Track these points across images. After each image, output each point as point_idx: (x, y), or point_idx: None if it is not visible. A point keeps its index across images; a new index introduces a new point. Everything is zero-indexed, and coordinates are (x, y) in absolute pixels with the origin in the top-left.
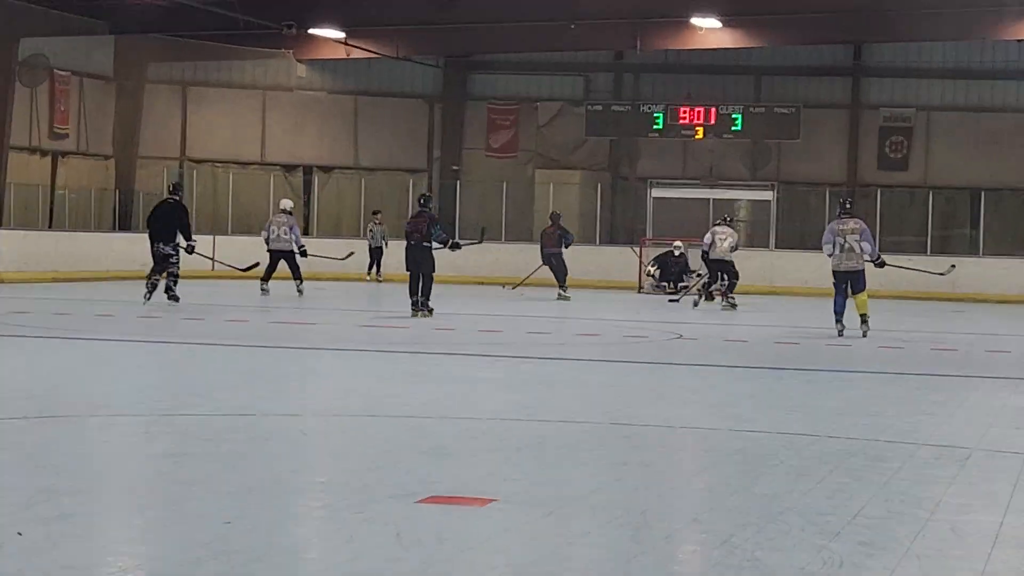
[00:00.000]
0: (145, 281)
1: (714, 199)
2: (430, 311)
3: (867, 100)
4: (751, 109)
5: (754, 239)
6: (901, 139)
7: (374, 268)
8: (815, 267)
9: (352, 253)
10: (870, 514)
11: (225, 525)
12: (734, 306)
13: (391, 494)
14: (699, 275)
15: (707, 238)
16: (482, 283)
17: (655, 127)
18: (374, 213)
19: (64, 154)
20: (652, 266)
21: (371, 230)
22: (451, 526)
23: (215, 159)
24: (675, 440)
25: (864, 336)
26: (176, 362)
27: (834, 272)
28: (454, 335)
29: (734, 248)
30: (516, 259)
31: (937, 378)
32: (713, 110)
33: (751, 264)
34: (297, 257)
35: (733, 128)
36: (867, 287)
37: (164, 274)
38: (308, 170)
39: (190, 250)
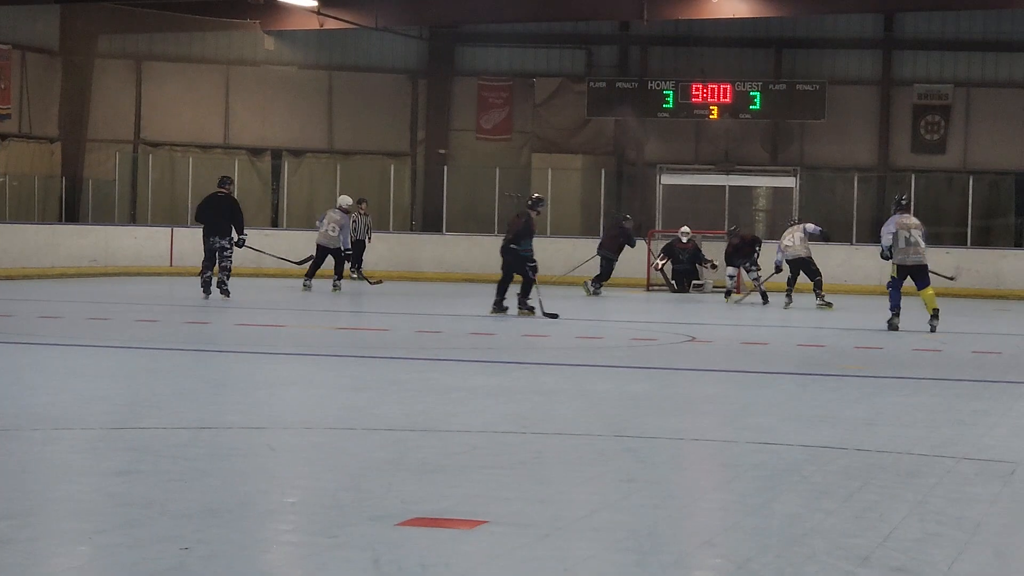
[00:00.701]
0: (199, 278)
1: (730, 186)
2: (530, 309)
3: (900, 76)
4: (771, 86)
5: (775, 230)
6: (938, 119)
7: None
8: (841, 260)
9: (380, 281)
10: (903, 536)
11: (183, 551)
12: (829, 304)
13: (369, 516)
14: (714, 265)
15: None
16: (472, 280)
17: (665, 106)
18: (359, 202)
19: (3, 137)
20: (661, 259)
21: (354, 220)
22: (435, 551)
23: (173, 142)
24: (686, 454)
25: (933, 331)
26: (130, 369)
27: (899, 266)
28: (441, 339)
29: (814, 237)
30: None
31: (978, 384)
32: (729, 87)
33: (770, 258)
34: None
35: (751, 107)
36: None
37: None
38: (277, 154)
39: (241, 243)
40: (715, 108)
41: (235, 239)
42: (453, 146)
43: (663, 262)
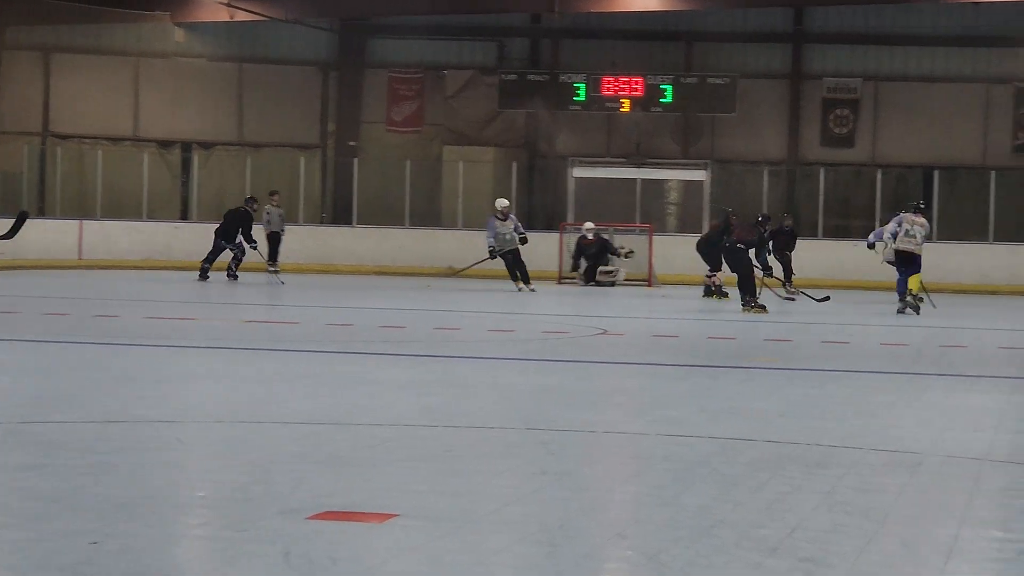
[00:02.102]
0: (200, 266)
1: (642, 179)
2: (761, 307)
3: (809, 69)
4: (682, 79)
5: (686, 224)
6: (846, 112)
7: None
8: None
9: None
10: (811, 527)
11: (91, 546)
12: (925, 304)
13: (279, 510)
14: (627, 254)
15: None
16: (383, 273)
17: (576, 99)
18: (271, 194)
19: None
20: (573, 258)
21: (267, 213)
22: (346, 545)
23: (82, 135)
24: (598, 446)
25: (916, 311)
26: (39, 363)
27: (896, 252)
28: (353, 331)
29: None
30: (421, 246)
31: (886, 376)
32: (640, 81)
33: (681, 251)
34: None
35: (662, 100)
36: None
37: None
38: (187, 147)
39: (254, 247)
40: (626, 101)
41: (243, 244)
42: (364, 138)
43: (574, 261)
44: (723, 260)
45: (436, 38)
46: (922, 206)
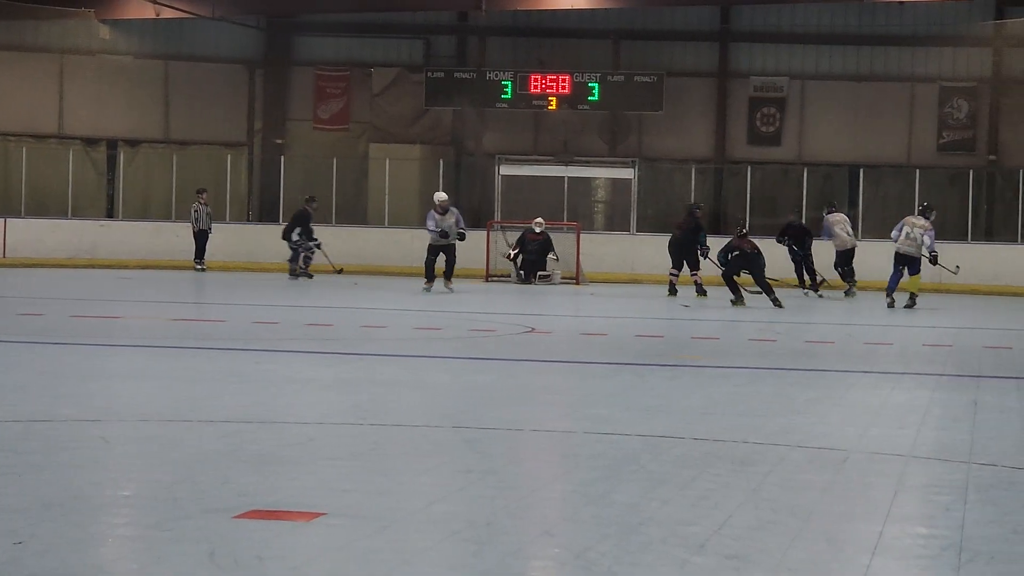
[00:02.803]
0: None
1: (569, 177)
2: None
3: (736, 68)
4: (609, 77)
5: (614, 221)
6: (773, 111)
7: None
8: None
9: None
10: (738, 524)
11: (16, 546)
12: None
13: (205, 509)
14: (555, 258)
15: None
16: (312, 271)
17: (503, 97)
18: (198, 192)
19: None
20: (513, 248)
21: (195, 210)
22: (273, 544)
23: (6, 132)
24: (525, 445)
25: (910, 307)
26: None
27: (896, 253)
28: (278, 329)
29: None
30: (347, 244)
31: (812, 373)
32: (567, 78)
33: (609, 249)
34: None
35: (590, 98)
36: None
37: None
38: (113, 144)
39: (318, 246)
40: (554, 99)
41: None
42: (290, 136)
43: (515, 251)
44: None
45: (362, 36)
46: (925, 207)
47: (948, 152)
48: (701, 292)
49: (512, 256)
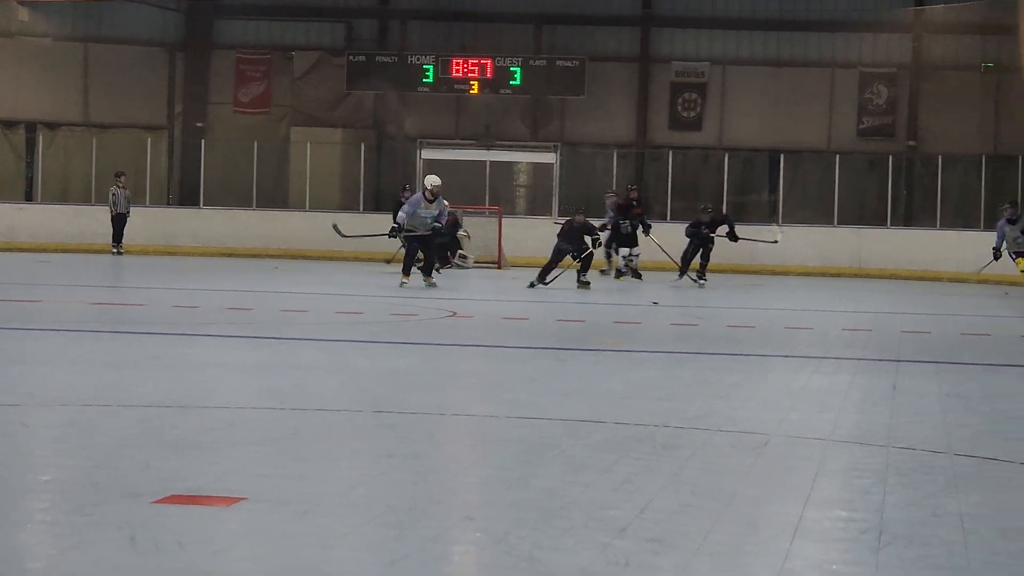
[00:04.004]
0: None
1: (491, 161)
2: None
3: (657, 53)
4: (531, 62)
5: (536, 206)
6: (694, 96)
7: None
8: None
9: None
10: (659, 508)
11: None
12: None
13: (125, 494)
14: (466, 235)
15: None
16: (230, 255)
17: (425, 81)
18: (117, 175)
19: None
20: None
21: (113, 194)
22: (193, 529)
23: None
24: (446, 429)
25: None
26: None
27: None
28: (198, 313)
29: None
30: (268, 227)
31: (733, 358)
32: (489, 63)
33: (532, 234)
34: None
35: (512, 83)
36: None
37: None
38: (32, 127)
39: (392, 235)
40: (475, 83)
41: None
42: (211, 119)
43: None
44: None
45: (284, 19)
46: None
47: (868, 138)
48: (636, 276)
49: None
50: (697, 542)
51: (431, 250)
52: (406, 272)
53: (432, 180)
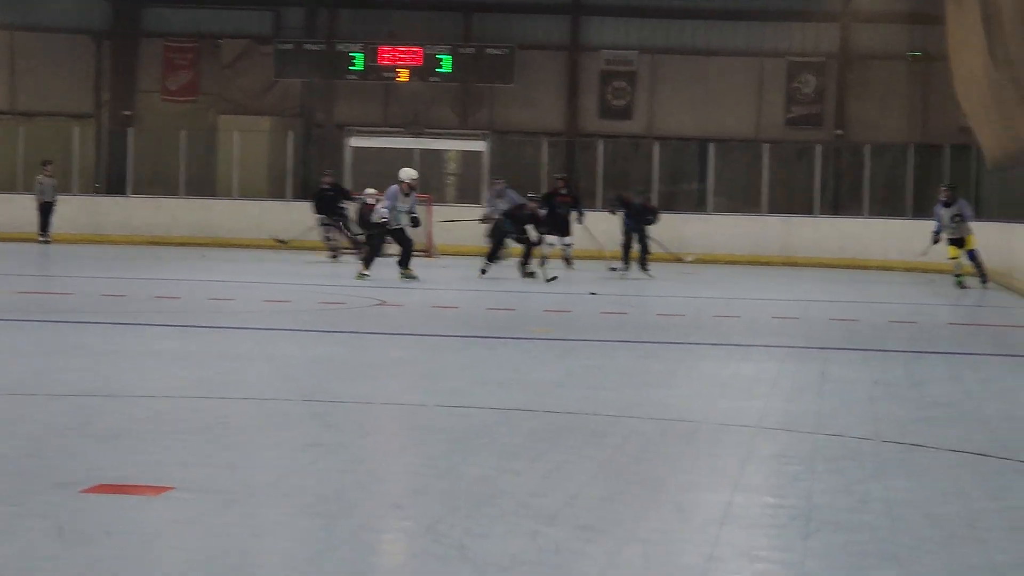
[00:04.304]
0: None
1: (420, 149)
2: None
3: (587, 41)
4: (461, 50)
5: (465, 194)
6: (624, 85)
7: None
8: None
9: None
10: (590, 495)
11: None
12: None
13: (52, 483)
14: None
15: None
16: (157, 243)
17: (353, 68)
18: (43, 164)
19: None
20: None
21: (39, 183)
22: (121, 518)
23: None
24: (376, 418)
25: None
26: None
27: None
28: (125, 302)
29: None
30: (196, 216)
31: (663, 346)
32: (418, 50)
33: (461, 223)
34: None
35: (440, 70)
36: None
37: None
38: None
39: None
40: (404, 71)
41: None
42: (139, 108)
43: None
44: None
45: (211, 7)
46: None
47: (796, 127)
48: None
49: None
50: (627, 529)
51: (408, 242)
52: (367, 264)
53: (409, 173)
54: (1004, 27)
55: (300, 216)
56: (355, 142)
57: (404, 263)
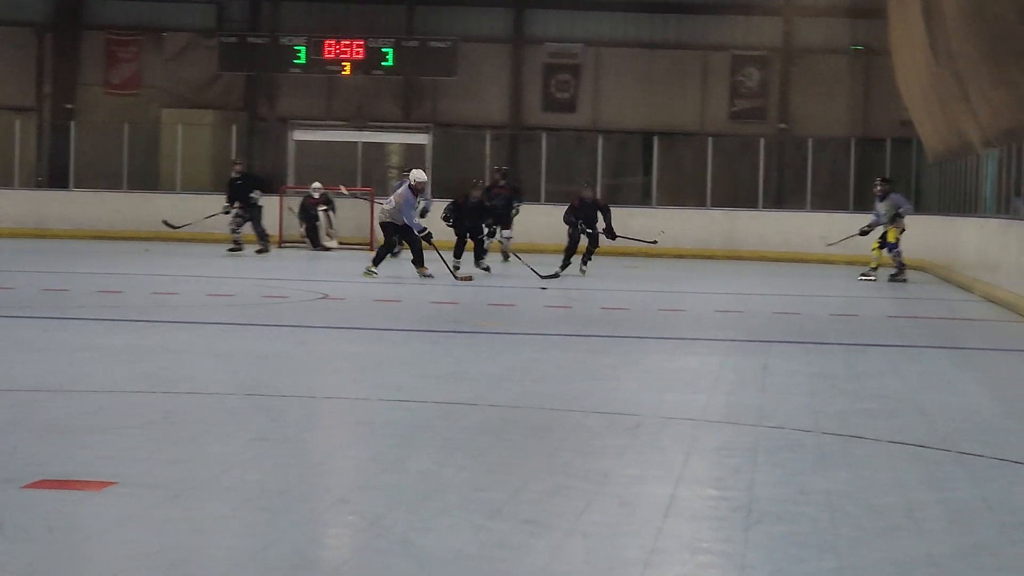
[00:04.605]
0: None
1: (363, 142)
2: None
3: (531, 34)
4: (403, 43)
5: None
6: (568, 77)
7: None
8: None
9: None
10: (534, 489)
11: None
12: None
13: None
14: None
15: None
16: (100, 237)
17: (297, 62)
18: None
19: None
20: (301, 225)
21: None
22: (64, 514)
23: None
24: (320, 412)
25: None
26: None
27: None
28: (69, 297)
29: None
30: (139, 210)
31: (607, 340)
32: (361, 44)
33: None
34: None
35: (384, 64)
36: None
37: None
38: None
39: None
40: (348, 64)
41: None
42: (81, 101)
43: (301, 225)
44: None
45: (155, 0)
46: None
47: (740, 120)
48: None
49: (301, 228)
50: (570, 522)
51: (418, 241)
52: (377, 263)
53: (420, 175)
54: (946, 21)
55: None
56: (298, 135)
57: (420, 262)
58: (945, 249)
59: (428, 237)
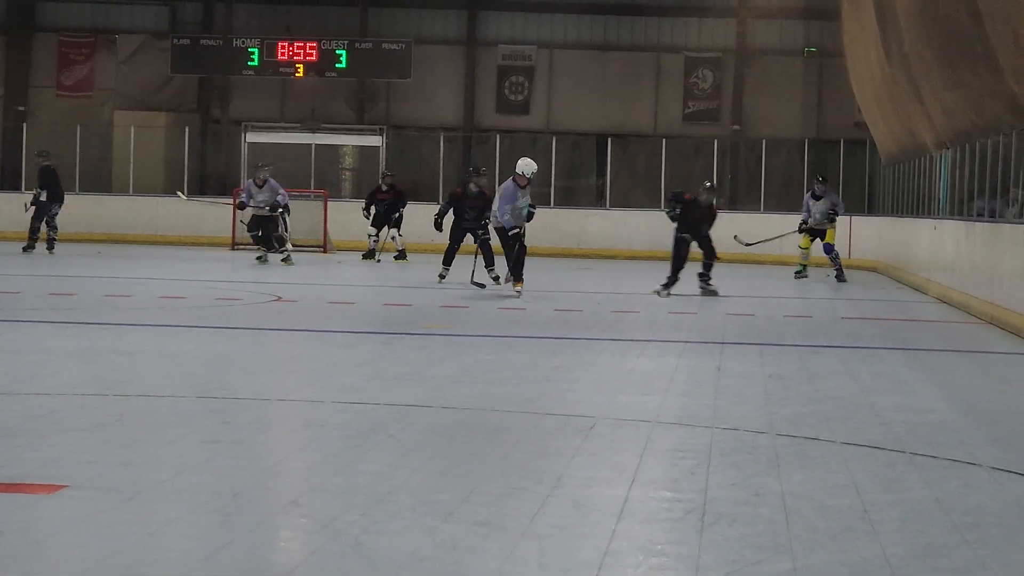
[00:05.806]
0: None
1: (316, 144)
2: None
3: (484, 36)
4: (357, 45)
5: (362, 189)
6: (521, 79)
7: None
8: (426, 221)
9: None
10: (487, 491)
11: None
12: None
13: None
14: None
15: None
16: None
17: (250, 64)
18: None
19: None
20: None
21: None
22: (13, 517)
23: None
24: (272, 414)
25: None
26: None
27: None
28: (20, 299)
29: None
30: (92, 212)
31: (561, 341)
32: (315, 45)
33: (356, 216)
34: None
35: (337, 66)
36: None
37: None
38: None
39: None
40: (301, 66)
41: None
42: (33, 103)
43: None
44: None
45: (107, 2)
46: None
47: (693, 122)
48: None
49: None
50: (525, 524)
51: (523, 246)
52: (490, 267)
53: (530, 167)
54: (899, 23)
55: (197, 210)
56: (252, 138)
57: (519, 275)
58: (899, 250)
59: (519, 237)
